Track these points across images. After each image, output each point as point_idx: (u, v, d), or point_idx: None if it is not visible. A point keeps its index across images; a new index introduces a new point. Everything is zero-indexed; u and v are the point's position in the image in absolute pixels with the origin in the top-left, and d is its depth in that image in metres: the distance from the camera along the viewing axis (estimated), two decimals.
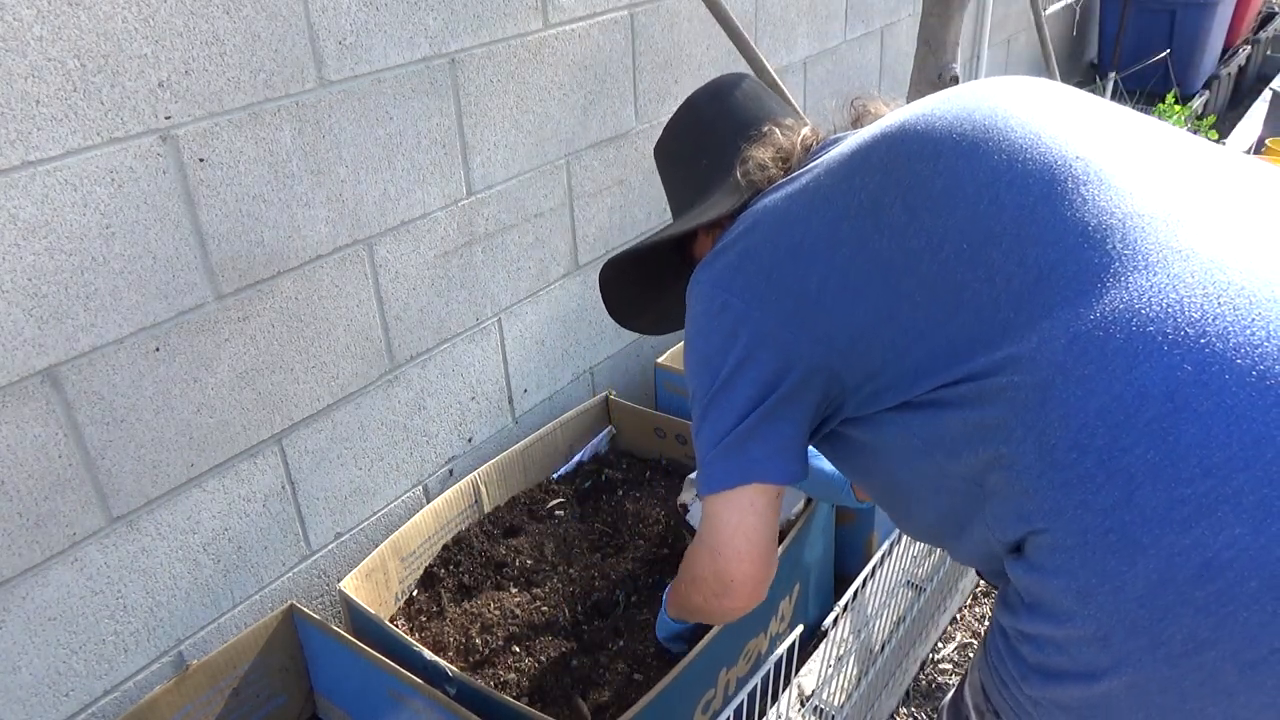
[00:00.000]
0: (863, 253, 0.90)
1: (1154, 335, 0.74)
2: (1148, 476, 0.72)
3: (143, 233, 1.26)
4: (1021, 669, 0.85)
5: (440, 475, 1.85)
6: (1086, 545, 0.76)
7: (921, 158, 0.90)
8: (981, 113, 0.90)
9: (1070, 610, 0.78)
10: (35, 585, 1.26)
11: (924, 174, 0.89)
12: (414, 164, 1.60)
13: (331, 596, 1.70)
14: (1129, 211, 0.80)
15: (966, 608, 1.95)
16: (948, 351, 0.86)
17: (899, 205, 0.89)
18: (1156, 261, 0.77)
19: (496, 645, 1.57)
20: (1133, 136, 0.89)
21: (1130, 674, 0.76)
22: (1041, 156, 0.86)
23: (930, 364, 0.87)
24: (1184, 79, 4.57)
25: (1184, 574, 0.71)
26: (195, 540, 1.44)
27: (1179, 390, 0.72)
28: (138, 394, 1.31)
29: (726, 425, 0.97)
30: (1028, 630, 0.83)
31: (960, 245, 0.85)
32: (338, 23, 1.41)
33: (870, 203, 0.91)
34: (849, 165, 0.95)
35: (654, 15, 2.02)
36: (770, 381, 0.95)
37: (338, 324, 1.56)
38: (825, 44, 2.69)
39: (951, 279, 0.85)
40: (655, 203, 2.19)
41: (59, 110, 1.15)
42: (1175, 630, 0.73)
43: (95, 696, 1.37)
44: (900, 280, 0.88)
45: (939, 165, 0.88)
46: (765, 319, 0.95)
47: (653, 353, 2.29)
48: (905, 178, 0.90)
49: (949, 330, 0.85)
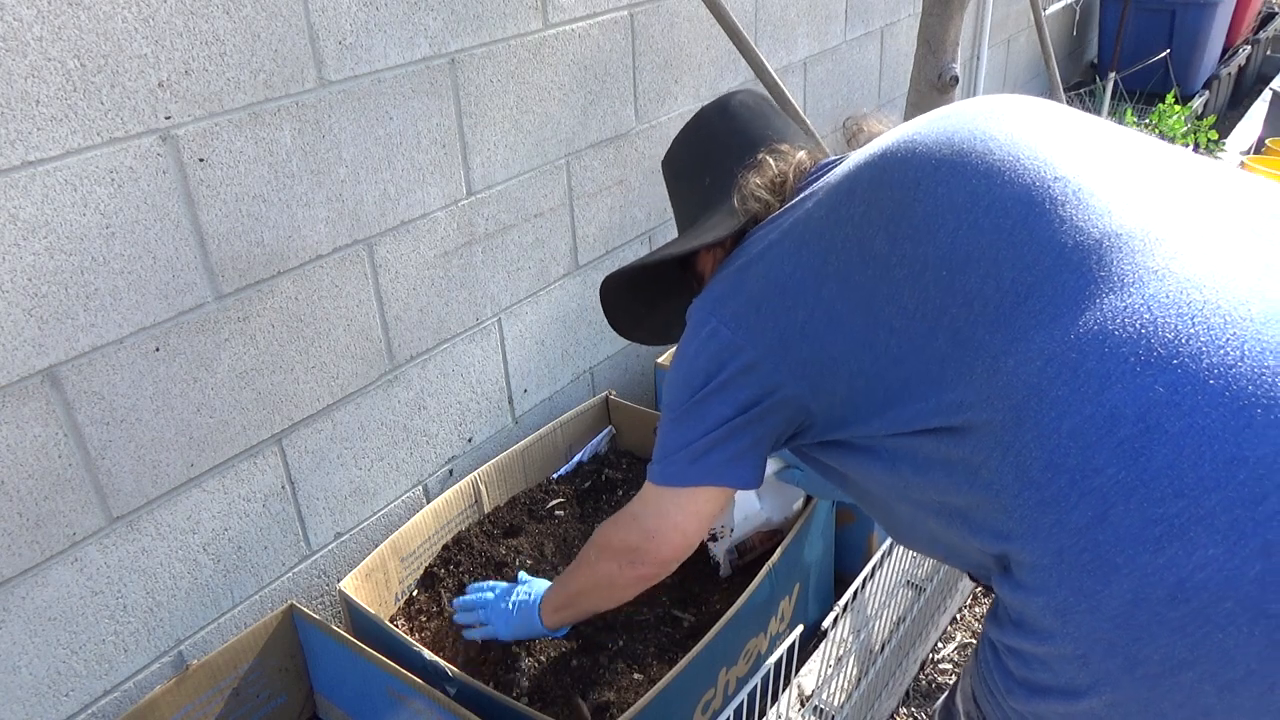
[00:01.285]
0: (846, 285, 0.92)
1: (1126, 356, 0.75)
2: (1120, 497, 0.73)
3: (143, 233, 1.26)
4: (1008, 682, 0.86)
5: (440, 475, 1.85)
6: (1063, 564, 0.76)
7: (903, 185, 0.91)
8: (961, 135, 0.91)
9: (1051, 628, 0.78)
10: (35, 585, 1.26)
11: (905, 201, 0.90)
12: (414, 164, 1.60)
13: (331, 596, 1.70)
14: (1106, 231, 0.81)
15: (966, 608, 1.95)
16: (923, 377, 0.87)
17: (882, 235, 0.90)
18: (1132, 282, 0.77)
19: (496, 645, 1.57)
20: (1114, 154, 0.89)
21: (1110, 693, 0.76)
22: (1019, 178, 0.86)
23: (904, 391, 0.88)
24: (1184, 79, 4.57)
25: (1158, 594, 0.72)
26: (195, 540, 1.44)
27: (1150, 411, 0.73)
28: (138, 394, 1.31)
29: (694, 435, 1.03)
30: (1014, 645, 0.84)
31: (940, 272, 0.86)
32: (338, 23, 1.41)
33: (855, 235, 0.93)
34: (835, 197, 0.97)
35: (654, 15, 2.02)
36: (744, 405, 1.00)
37: (338, 324, 1.56)
38: (825, 44, 2.69)
39: (930, 305, 0.86)
40: (655, 203, 2.19)
41: (59, 110, 1.15)
42: (1152, 651, 0.73)
43: (95, 696, 1.37)
44: (881, 309, 0.90)
45: (918, 193, 0.89)
46: (750, 349, 0.99)
47: (653, 353, 2.29)
48: (888, 207, 0.91)
49: (926, 356, 0.86)
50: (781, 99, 1.81)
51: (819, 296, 0.94)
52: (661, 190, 2.19)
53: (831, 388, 0.95)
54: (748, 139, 1.19)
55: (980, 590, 1.98)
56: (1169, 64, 4.49)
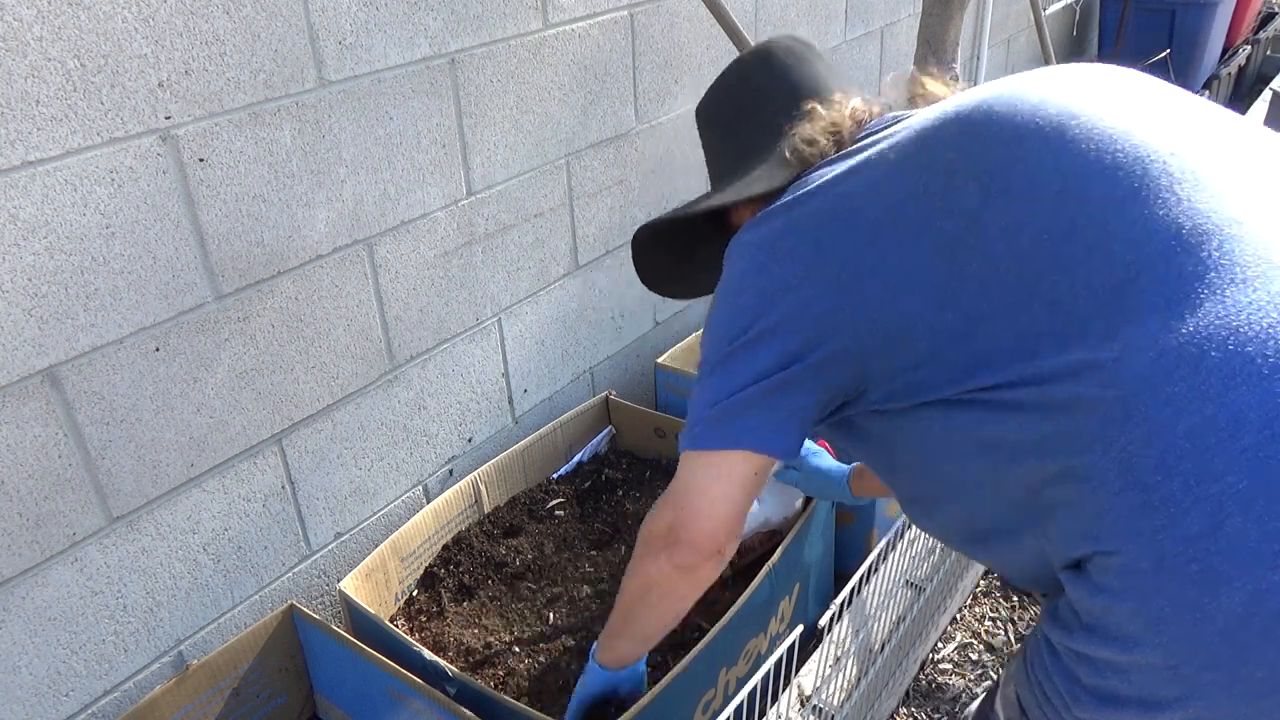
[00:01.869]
0: (926, 234, 0.84)
1: (1253, 357, 0.70)
2: (1238, 507, 0.68)
3: (143, 233, 1.26)
4: (1073, 690, 0.81)
5: (440, 475, 1.85)
6: (1163, 572, 0.71)
7: (1002, 142, 0.83)
8: (1067, 100, 0.84)
9: (1137, 637, 0.74)
10: (35, 585, 1.26)
11: (1003, 159, 0.82)
12: (414, 164, 1.60)
13: (331, 596, 1.70)
14: (1226, 217, 0.75)
15: (966, 608, 1.95)
16: (1012, 346, 0.79)
17: (973, 188, 0.82)
18: (1255, 275, 0.72)
19: (496, 645, 1.57)
20: (1220, 134, 0.83)
21: (1199, 707, 0.73)
22: (1133, 149, 0.79)
23: (989, 356, 0.81)
24: (1184, 79, 4.57)
25: (1272, 612, 0.68)
26: (195, 540, 1.44)
27: (1279, 418, 0.68)
28: (138, 394, 1.31)
29: (731, 388, 0.90)
30: (1084, 651, 0.79)
31: (1039, 235, 0.79)
32: (338, 23, 1.41)
33: (941, 185, 0.84)
34: (917, 144, 0.88)
35: (654, 15, 2.02)
36: (793, 354, 0.89)
37: (338, 324, 1.56)
38: (825, 44, 2.69)
39: (1026, 269, 0.79)
40: (655, 203, 2.19)
41: (59, 110, 1.15)
42: (1257, 668, 0.69)
43: (95, 696, 1.37)
44: (967, 265, 0.81)
45: (1021, 149, 0.82)
46: (804, 290, 0.88)
47: (653, 353, 2.29)
48: (982, 161, 0.83)
49: (1017, 323, 0.79)
50: None
51: (890, 243, 0.85)
52: (662, 190, 2.19)
53: (898, 345, 0.85)
54: (793, 86, 1.10)
55: (982, 589, 1.99)
56: (1169, 64, 4.49)
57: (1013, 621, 1.91)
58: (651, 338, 2.33)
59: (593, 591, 1.68)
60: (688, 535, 0.96)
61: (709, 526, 0.95)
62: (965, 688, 1.77)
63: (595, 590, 1.68)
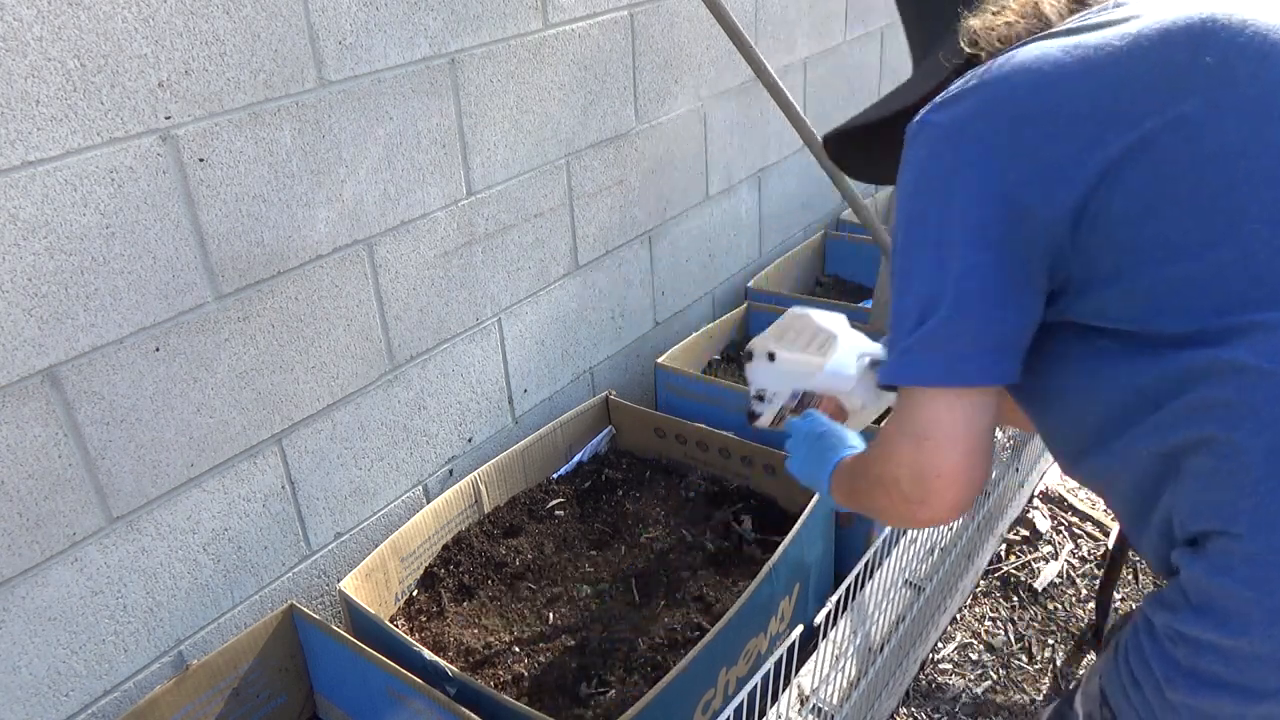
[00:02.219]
0: (1134, 134, 0.76)
1: None
2: None
3: (143, 233, 1.26)
4: (1169, 671, 0.78)
5: (440, 475, 1.85)
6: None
7: (1242, 56, 0.75)
8: None
9: (1251, 625, 0.72)
10: (35, 585, 1.26)
11: (1240, 74, 0.75)
12: (414, 164, 1.60)
13: (331, 596, 1.70)
14: None
15: (966, 608, 1.95)
16: (1187, 285, 0.74)
17: (1199, 99, 0.75)
18: None
19: (496, 645, 1.57)
20: None
21: None
22: None
23: (1162, 289, 0.75)
24: None
25: None
26: (195, 540, 1.44)
27: None
28: (138, 394, 1.31)
29: (933, 292, 0.81)
30: (1187, 632, 0.77)
31: (1253, 169, 0.72)
32: (338, 23, 1.41)
33: (1162, 87, 0.77)
34: (1140, 39, 0.79)
35: (654, 15, 2.02)
36: (993, 241, 0.80)
37: (338, 324, 1.56)
38: (825, 44, 2.69)
39: (1231, 201, 0.73)
40: (655, 203, 2.19)
41: (59, 110, 1.15)
42: None
43: (95, 696, 1.37)
44: (1175, 181, 0.75)
45: (1259, 68, 0.75)
46: (1001, 170, 0.80)
47: (653, 353, 2.30)
48: (1216, 70, 0.75)
49: (1204, 261, 0.74)
50: (781, 99, 1.81)
51: (1093, 138, 0.76)
52: (662, 190, 2.19)
53: (1094, 250, 0.78)
54: None
55: (981, 589, 1.99)
56: None
57: (1013, 621, 1.91)
58: (651, 338, 2.33)
59: (593, 591, 1.68)
60: (941, 482, 0.85)
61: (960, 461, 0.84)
62: (965, 688, 1.77)
63: (595, 590, 1.69)
